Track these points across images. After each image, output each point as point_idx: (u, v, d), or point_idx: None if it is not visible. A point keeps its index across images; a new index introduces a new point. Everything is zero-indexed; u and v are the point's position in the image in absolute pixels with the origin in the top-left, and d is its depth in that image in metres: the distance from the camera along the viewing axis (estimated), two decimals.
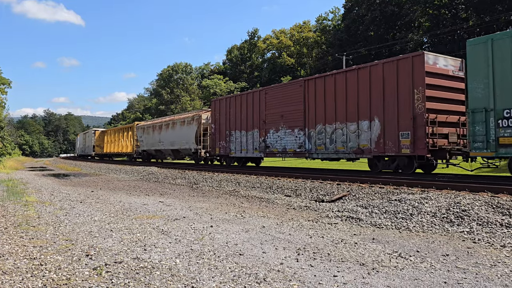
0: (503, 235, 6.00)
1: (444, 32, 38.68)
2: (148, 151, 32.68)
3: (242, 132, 19.51)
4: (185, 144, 25.32)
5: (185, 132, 25.34)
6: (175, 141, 26.85)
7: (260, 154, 18.37)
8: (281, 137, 17.00)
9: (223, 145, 20.95)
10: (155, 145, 30.42)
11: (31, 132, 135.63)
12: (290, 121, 16.54)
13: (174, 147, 27.11)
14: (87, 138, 52.53)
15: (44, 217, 8.03)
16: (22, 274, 4.29)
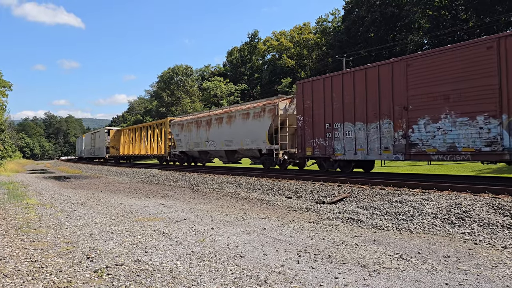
0: (504, 236, 5.99)
1: (444, 33, 38.68)
2: (188, 153, 26.33)
3: (357, 124, 13.53)
4: (250, 144, 19.37)
5: (251, 128, 19.22)
6: (232, 140, 20.75)
7: (396, 156, 12.32)
8: (444, 129, 11.05)
9: (321, 143, 14.98)
10: (199, 145, 24.04)
11: (31, 135, 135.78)
12: (466, 104, 10.63)
13: (230, 147, 21.08)
14: (98, 139, 46.91)
15: (45, 219, 8.03)
16: (23, 277, 4.29)
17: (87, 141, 55.81)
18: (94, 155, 49.42)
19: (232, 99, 63.97)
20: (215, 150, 22.54)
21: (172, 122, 28.37)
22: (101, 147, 44.64)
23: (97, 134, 48.34)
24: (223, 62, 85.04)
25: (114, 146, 42.31)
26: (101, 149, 44.69)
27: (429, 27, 42.25)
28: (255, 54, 75.02)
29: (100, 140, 44.96)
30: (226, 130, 21.40)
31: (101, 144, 44.24)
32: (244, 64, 76.04)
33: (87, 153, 54.65)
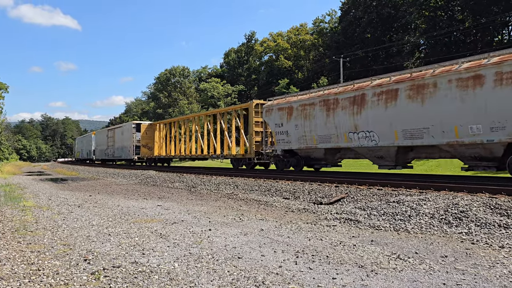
0: (501, 236, 6.01)
1: (441, 34, 38.81)
2: (301, 152, 17.50)
3: None
4: (482, 133, 10.62)
5: (491, 102, 10.33)
6: (429, 128, 11.80)
7: None
8: None
9: None
10: (331, 139, 15.41)
11: (28, 137, 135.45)
12: None
13: (420, 139, 12.14)
14: (120, 136, 38.47)
15: (41, 222, 8.00)
16: (19, 279, 4.26)
17: (100, 139, 47.94)
18: (113, 156, 41.29)
19: (229, 100, 63.99)
20: (373, 147, 13.84)
21: (268, 106, 19.08)
22: (126, 146, 36.00)
23: (117, 131, 39.86)
24: (220, 63, 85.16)
25: (147, 144, 33.63)
26: (126, 148, 36.22)
27: (425, 27, 42.41)
28: (252, 55, 75.11)
29: (125, 137, 36.65)
30: (408, 110, 12.44)
31: (127, 143, 35.81)
32: (241, 65, 76.10)
33: (101, 154, 46.62)
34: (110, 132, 43.09)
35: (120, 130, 39.06)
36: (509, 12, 35.11)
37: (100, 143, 47.52)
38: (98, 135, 49.99)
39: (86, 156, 55.51)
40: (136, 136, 34.35)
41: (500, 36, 40.25)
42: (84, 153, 60.03)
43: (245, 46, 77.41)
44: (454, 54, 33.97)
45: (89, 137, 52.32)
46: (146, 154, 34.17)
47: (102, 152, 45.72)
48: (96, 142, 49.72)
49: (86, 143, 58.30)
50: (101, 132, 49.34)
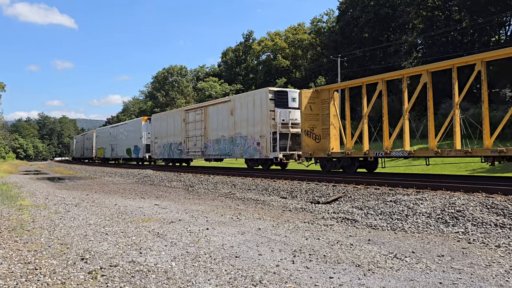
0: (497, 235, 6.03)
1: (438, 34, 38.90)
2: None
3: None
4: None
5: None
6: None
7: None
8: None
9: None
10: None
11: (25, 136, 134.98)
12: None
13: None
14: (245, 114, 19.44)
15: (38, 221, 7.98)
16: (16, 278, 4.26)
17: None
18: (168, 155, 27.68)
19: None
20: None
21: None
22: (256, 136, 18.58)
23: (220, 107, 21.53)
24: (218, 63, 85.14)
25: (311, 130, 16.35)
26: (253, 140, 18.93)
27: (423, 27, 42.49)
28: (250, 54, 75.07)
29: (256, 116, 18.62)
30: None
31: (256, 129, 18.62)
32: (239, 64, 76.06)
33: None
34: (182, 115, 25.59)
35: (245, 101, 19.49)
36: (506, 12, 35.22)
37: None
38: (126, 128, 36.14)
39: (112, 154, 39.58)
40: (297, 114, 17.61)
41: (497, 36, 40.36)
42: (93, 150, 48.77)
43: (243, 45, 77.37)
44: (451, 53, 34.05)
45: (138, 125, 32.03)
46: (314, 148, 16.32)
47: (169, 148, 27.20)
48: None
49: (104, 137, 43.93)
50: (129, 125, 35.28)
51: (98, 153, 43.88)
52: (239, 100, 20.29)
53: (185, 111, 25.78)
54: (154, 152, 29.84)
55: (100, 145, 43.51)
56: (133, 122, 34.48)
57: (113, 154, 38.52)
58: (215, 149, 21.95)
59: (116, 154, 37.51)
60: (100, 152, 44.39)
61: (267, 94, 17.99)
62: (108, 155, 40.54)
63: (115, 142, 37.86)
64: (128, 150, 35.21)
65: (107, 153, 40.77)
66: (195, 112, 24.41)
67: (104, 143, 42.26)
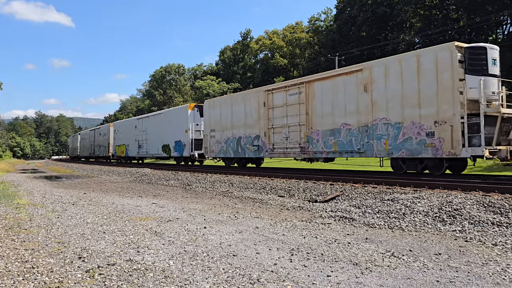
0: (494, 234, 6.05)
1: (436, 33, 38.96)
2: None
3: None
4: None
5: None
6: None
7: None
8: None
9: None
10: None
11: (22, 134, 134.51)
12: None
13: None
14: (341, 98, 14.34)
15: (36, 219, 7.96)
16: (13, 277, 4.25)
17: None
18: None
19: None
20: None
21: None
22: None
23: (340, 81, 14.55)
24: (216, 61, 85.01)
25: None
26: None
27: (420, 26, 42.55)
28: (247, 53, 74.98)
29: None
30: None
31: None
32: (236, 63, 75.98)
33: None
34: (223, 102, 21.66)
35: (401, 68, 12.64)
36: (503, 11, 35.30)
37: (236, 123, 20.61)
38: (150, 121, 30.59)
39: (139, 153, 32.30)
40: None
41: (495, 35, 40.47)
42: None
43: (241, 44, 77.28)
44: None
45: (182, 115, 25.57)
46: None
47: (236, 144, 20.27)
48: (215, 123, 22.83)
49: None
50: (150, 119, 30.35)
51: (118, 151, 36.28)
52: (383, 67, 13.16)
53: (267, 91, 18.02)
54: (210, 149, 22.02)
55: (120, 142, 36.05)
56: (174, 111, 26.80)
57: (141, 152, 31.16)
58: (328, 144, 15.05)
59: (145, 152, 30.20)
60: (121, 150, 36.22)
61: (451, 52, 11.26)
62: (133, 153, 32.82)
63: (143, 138, 30.23)
64: (166, 147, 27.30)
65: (131, 151, 33.10)
66: (285, 92, 16.93)
67: (126, 139, 34.37)
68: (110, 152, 39.43)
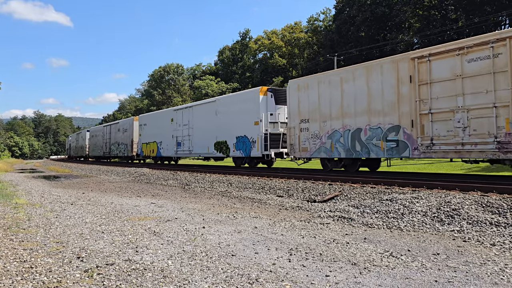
0: (492, 234, 6.06)
1: (434, 33, 39.03)
2: None
3: None
4: None
5: None
6: None
7: None
8: None
9: None
10: None
11: (20, 134, 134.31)
12: None
13: None
14: None
15: (34, 219, 7.95)
16: (12, 277, 4.24)
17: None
18: None
19: None
20: None
21: None
22: None
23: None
24: (215, 61, 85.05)
25: None
26: None
27: (419, 26, 42.61)
28: (246, 53, 75.03)
29: None
30: None
31: None
32: (235, 63, 76.03)
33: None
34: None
35: None
36: (502, 12, 35.38)
37: (360, 108, 14.30)
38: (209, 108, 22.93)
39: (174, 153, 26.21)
40: None
41: None
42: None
43: (240, 43, 77.33)
44: None
45: (251, 101, 19.01)
46: None
47: (349, 138, 14.45)
48: (311, 110, 16.50)
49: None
50: (201, 107, 23.44)
51: (146, 149, 30.37)
52: None
53: (417, 59, 12.02)
54: (300, 147, 15.88)
55: (148, 139, 29.98)
56: (236, 97, 20.66)
57: (182, 152, 25.01)
58: None
59: (188, 151, 24.18)
60: (150, 149, 29.74)
61: None
62: (169, 152, 26.58)
63: (185, 133, 24.44)
64: (221, 145, 20.93)
65: (166, 150, 26.94)
66: (458, 57, 11.07)
67: (158, 135, 28.35)
68: (134, 151, 32.76)
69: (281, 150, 17.65)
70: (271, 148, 17.67)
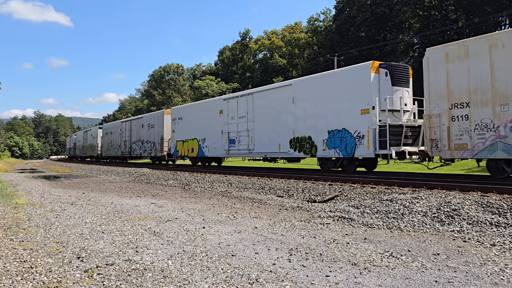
0: (492, 234, 6.06)
1: (434, 33, 39.02)
2: None
3: None
4: None
5: None
6: None
7: None
8: None
9: None
10: None
11: (20, 134, 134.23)
12: None
13: None
14: None
15: (34, 219, 7.95)
16: (12, 277, 4.24)
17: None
18: None
19: None
20: None
21: None
22: None
23: None
24: (215, 61, 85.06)
25: None
26: None
27: (419, 26, 42.62)
28: (246, 53, 75.02)
29: None
30: None
31: None
32: (235, 63, 76.02)
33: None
34: None
35: None
36: (502, 12, 35.39)
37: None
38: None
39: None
40: None
41: None
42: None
43: (240, 44, 77.31)
44: None
45: (357, 80, 13.65)
46: None
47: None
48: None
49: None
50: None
51: (181, 148, 24.54)
52: None
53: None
54: (452, 142, 11.12)
55: (185, 135, 24.33)
56: (329, 77, 15.51)
57: (237, 151, 19.56)
58: None
59: (247, 150, 18.73)
60: (187, 148, 23.97)
61: None
62: (218, 151, 20.98)
63: (243, 128, 19.06)
64: (302, 142, 15.87)
65: (214, 149, 21.38)
66: None
67: (200, 130, 22.69)
68: (165, 150, 27.25)
69: (403, 149, 12.83)
70: (392, 146, 12.73)
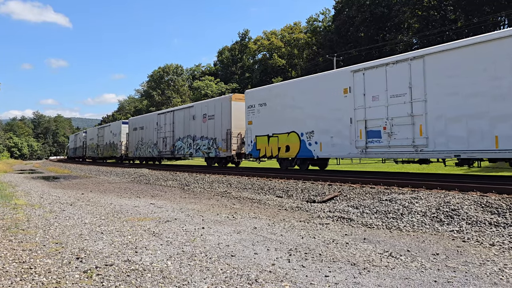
0: (492, 234, 6.07)
1: (433, 33, 39.06)
2: None
3: None
4: None
5: None
6: None
7: None
8: None
9: None
10: None
11: (20, 135, 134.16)
12: None
13: None
14: None
15: (33, 220, 7.94)
16: (11, 278, 4.23)
17: None
18: None
19: None
20: None
21: None
22: None
23: None
24: (214, 62, 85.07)
25: None
26: None
27: (418, 27, 42.66)
28: (246, 53, 75.03)
29: None
30: None
31: None
32: (235, 63, 76.02)
33: None
34: None
35: None
36: (501, 12, 35.43)
37: None
38: None
39: None
40: None
41: None
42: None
43: (239, 44, 77.32)
44: None
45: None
46: None
47: None
48: None
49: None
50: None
51: (267, 146, 18.07)
52: None
53: None
54: None
55: (273, 128, 17.79)
56: None
57: (388, 147, 12.83)
58: None
59: (414, 146, 12.05)
60: (279, 145, 17.37)
61: None
62: (343, 150, 14.48)
63: (401, 112, 12.45)
64: None
65: (332, 146, 14.92)
66: None
67: (303, 120, 16.24)
68: (233, 148, 20.75)
69: None
70: None
